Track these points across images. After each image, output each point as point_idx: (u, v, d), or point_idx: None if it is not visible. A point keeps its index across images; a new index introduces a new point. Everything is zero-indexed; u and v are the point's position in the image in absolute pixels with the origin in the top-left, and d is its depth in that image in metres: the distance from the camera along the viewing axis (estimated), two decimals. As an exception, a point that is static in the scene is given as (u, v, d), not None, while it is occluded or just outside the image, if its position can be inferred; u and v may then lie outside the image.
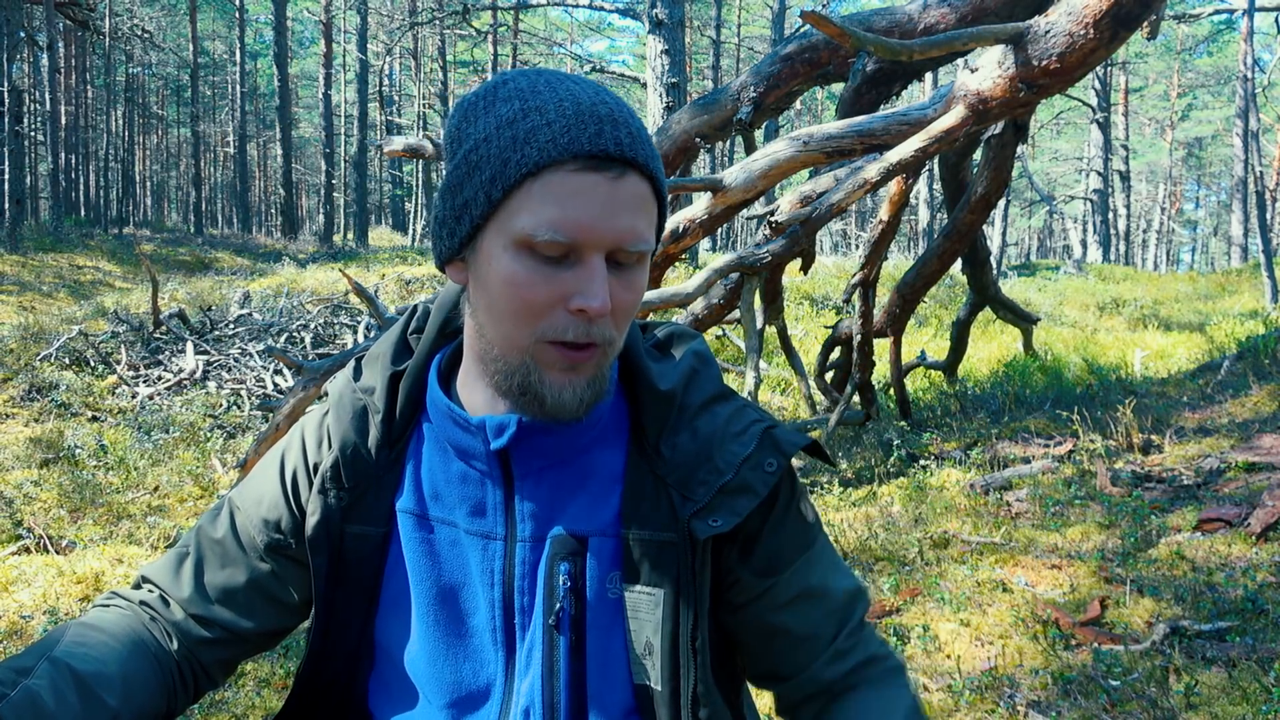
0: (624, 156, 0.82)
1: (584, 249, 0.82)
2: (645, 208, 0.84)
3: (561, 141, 0.80)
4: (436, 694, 0.97)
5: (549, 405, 0.86)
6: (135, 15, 26.48)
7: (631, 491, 0.93)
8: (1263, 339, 6.29)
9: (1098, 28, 3.57)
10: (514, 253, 0.82)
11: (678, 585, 0.91)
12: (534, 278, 0.82)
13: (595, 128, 0.81)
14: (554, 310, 0.83)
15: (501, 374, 0.88)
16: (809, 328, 10.17)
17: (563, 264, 0.82)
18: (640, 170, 0.83)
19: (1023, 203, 36.87)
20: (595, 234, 0.81)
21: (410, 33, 26.53)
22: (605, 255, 0.83)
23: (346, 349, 6.76)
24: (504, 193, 0.82)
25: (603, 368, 0.88)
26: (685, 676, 0.91)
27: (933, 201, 23.25)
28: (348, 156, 31.69)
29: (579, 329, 0.83)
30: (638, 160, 0.83)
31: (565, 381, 0.86)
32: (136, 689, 0.93)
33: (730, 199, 4.42)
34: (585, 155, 0.81)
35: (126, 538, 4.02)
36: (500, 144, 0.82)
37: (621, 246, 0.83)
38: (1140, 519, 3.58)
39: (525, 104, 0.83)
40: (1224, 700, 2.39)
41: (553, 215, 0.80)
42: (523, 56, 27.87)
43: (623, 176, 0.82)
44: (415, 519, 0.97)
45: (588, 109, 0.82)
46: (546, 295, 0.83)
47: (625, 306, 0.86)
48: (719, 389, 0.98)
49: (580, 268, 0.82)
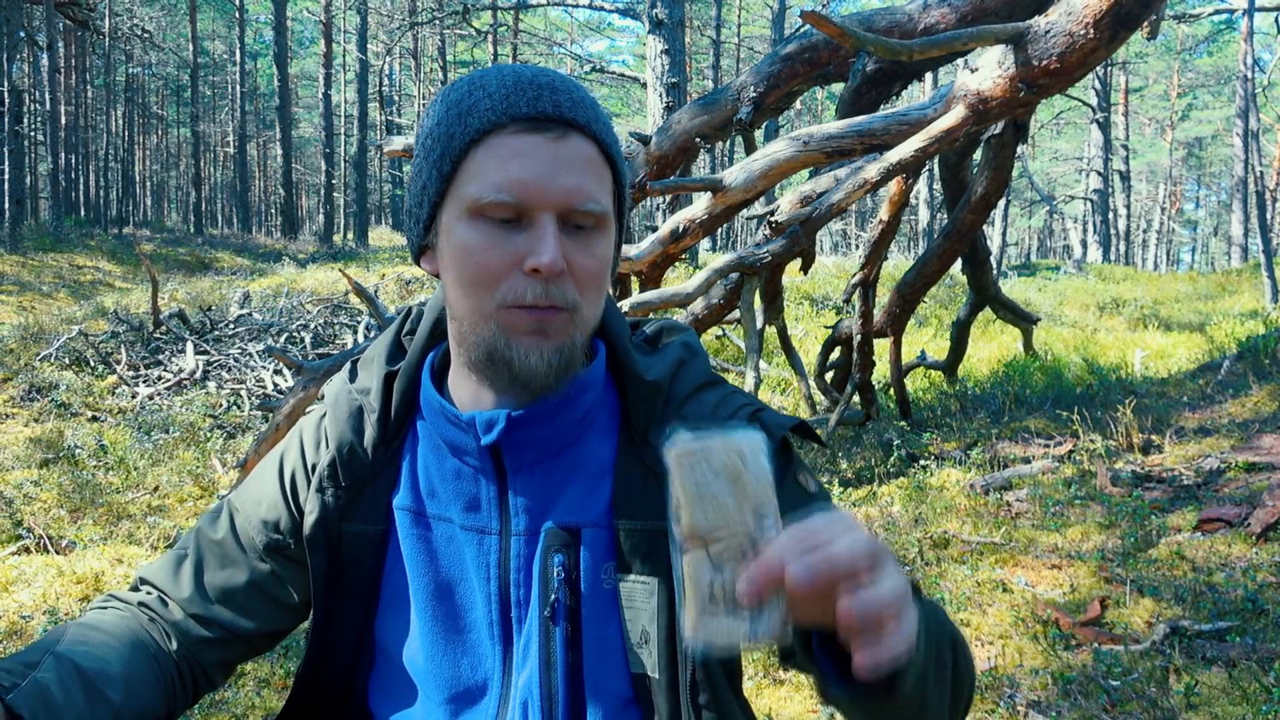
0: (563, 117, 0.84)
1: (532, 209, 0.83)
2: (592, 168, 0.86)
3: (500, 107, 0.84)
4: (435, 690, 0.98)
5: (517, 368, 0.87)
6: (135, 15, 26.48)
7: (622, 482, 0.93)
8: (1263, 339, 6.29)
9: (1098, 28, 3.57)
10: (468, 222, 0.85)
11: (671, 574, 0.91)
12: (488, 243, 0.84)
13: (534, 93, 0.85)
14: (511, 274, 0.85)
15: (473, 348, 0.89)
16: (809, 328, 10.17)
17: (515, 228, 0.84)
18: (583, 131, 0.85)
19: (1023, 203, 36.88)
20: (540, 192, 0.83)
21: (410, 33, 26.55)
22: (559, 218, 0.84)
23: (346, 349, 6.77)
24: (453, 165, 0.85)
25: (572, 336, 0.88)
26: (683, 664, 0.91)
27: (933, 201, 23.25)
28: (348, 156, 31.70)
29: (536, 290, 0.84)
30: (578, 121, 0.85)
31: (533, 345, 0.86)
32: (137, 688, 0.93)
33: (730, 199, 4.42)
34: (524, 118, 0.83)
35: (126, 538, 4.02)
36: (448, 123, 0.86)
37: (570, 205, 0.84)
38: (1140, 519, 3.58)
39: (471, 84, 0.88)
40: (1224, 700, 2.39)
41: (497, 177, 0.83)
42: (523, 56, 27.87)
43: (564, 137, 0.84)
44: (412, 516, 0.98)
45: (528, 79, 0.86)
46: (501, 259, 0.84)
47: (587, 271, 0.87)
48: (707, 377, 0.99)
49: (531, 229, 0.84)
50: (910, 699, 0.72)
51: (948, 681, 0.79)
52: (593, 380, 0.95)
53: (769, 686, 2.69)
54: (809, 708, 2.57)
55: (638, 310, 4.45)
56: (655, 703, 0.93)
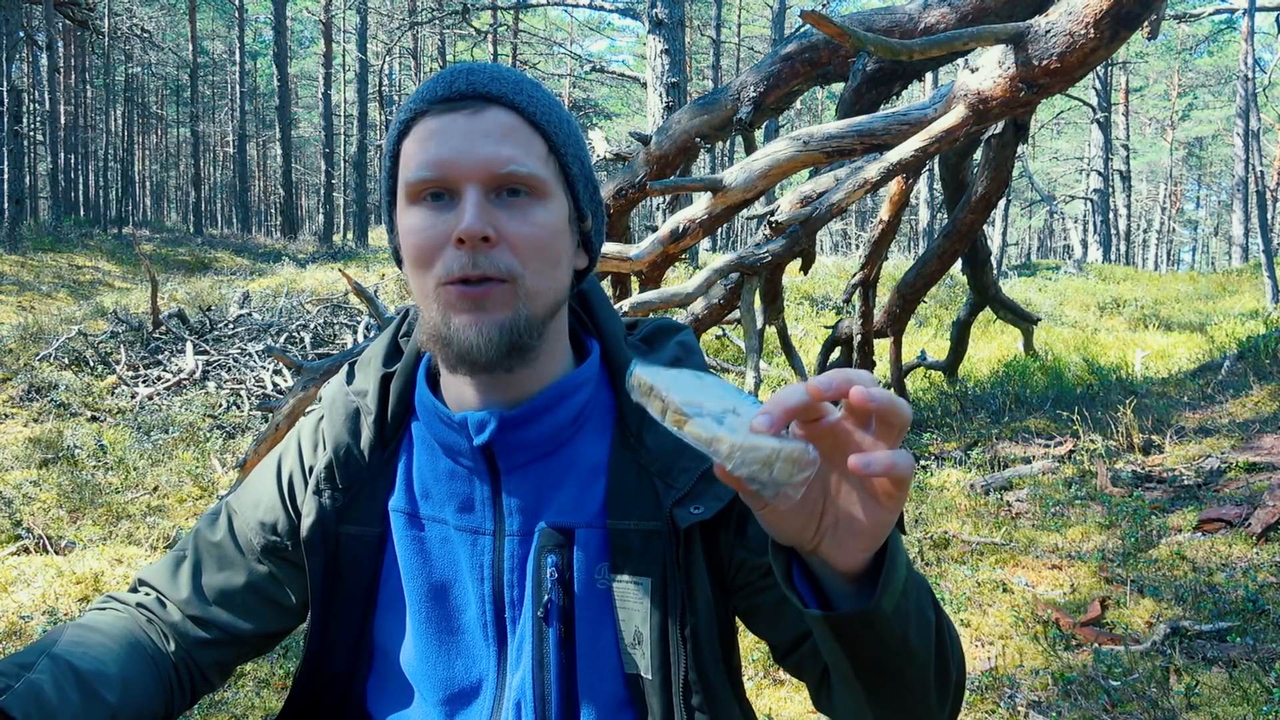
0: (477, 92, 0.87)
1: (454, 182, 0.86)
2: (514, 135, 0.87)
3: (422, 95, 0.89)
4: (430, 691, 0.98)
5: (456, 346, 0.86)
6: (134, 15, 26.47)
7: (616, 482, 0.93)
8: (1263, 339, 6.29)
9: (1098, 27, 3.57)
10: (409, 208, 0.88)
11: (665, 574, 0.91)
12: (424, 223, 0.87)
13: (450, 77, 0.88)
14: (444, 250, 0.86)
15: (426, 332, 0.89)
16: (809, 328, 10.17)
17: (445, 204, 0.86)
18: (500, 103, 0.87)
19: (1023, 203, 36.87)
20: (458, 164, 0.85)
21: (410, 33, 26.54)
22: (485, 188, 0.85)
23: (346, 349, 6.76)
24: (392, 159, 0.90)
25: (515, 309, 0.86)
26: (675, 665, 0.91)
27: (933, 201, 23.25)
28: (347, 156, 31.68)
29: (462, 260, 0.85)
30: (493, 93, 0.87)
31: (470, 321, 0.86)
32: (135, 689, 0.93)
33: (730, 199, 4.41)
34: (440, 99, 0.87)
35: (126, 538, 4.02)
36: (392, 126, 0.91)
37: (491, 171, 0.85)
38: (1140, 519, 3.58)
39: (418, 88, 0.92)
40: (1224, 700, 2.39)
41: (420, 157, 0.86)
42: (523, 56, 27.87)
43: (481, 110, 0.86)
44: (407, 518, 0.98)
45: (449, 70, 0.89)
46: (434, 236, 0.86)
47: (524, 239, 0.86)
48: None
49: (458, 202, 0.86)
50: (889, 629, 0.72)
51: (931, 641, 0.77)
52: (585, 379, 0.95)
53: (769, 686, 2.69)
54: (809, 708, 2.57)
55: (638, 310, 4.45)
56: (649, 703, 0.93)
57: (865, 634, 0.72)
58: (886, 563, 0.71)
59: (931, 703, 0.80)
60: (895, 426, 0.64)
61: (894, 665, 0.75)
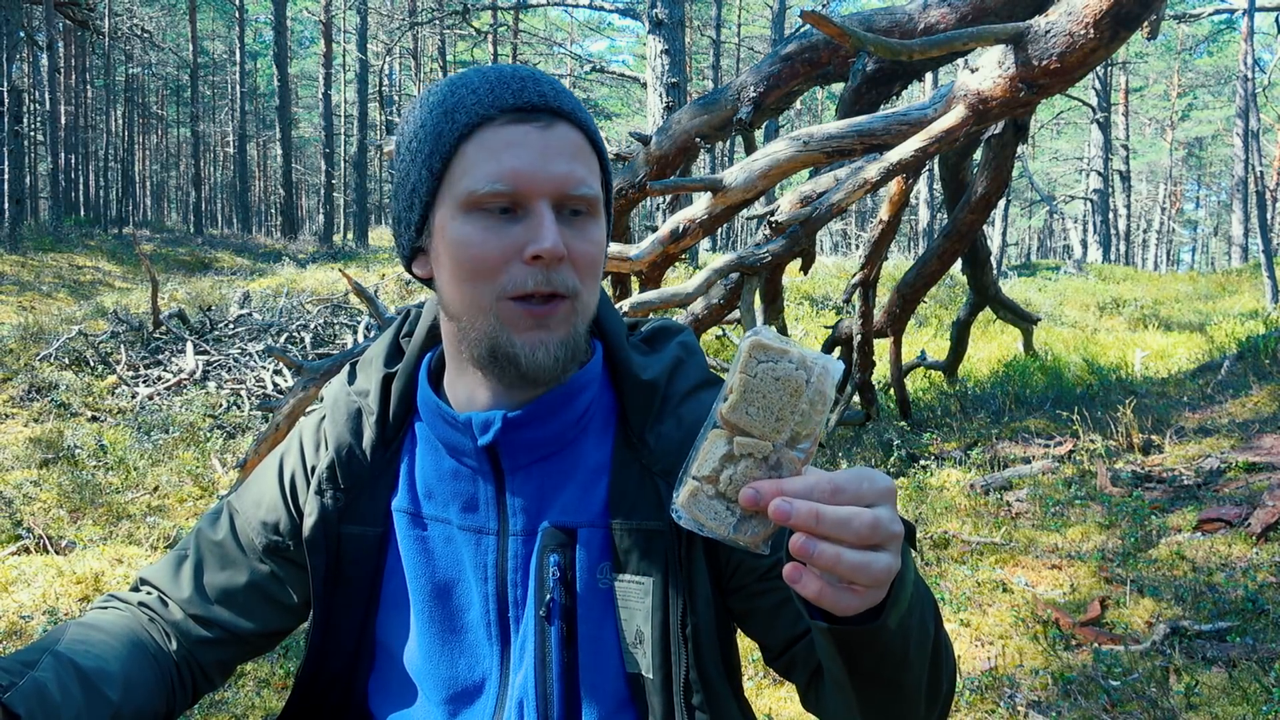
0: (549, 106, 0.86)
1: (527, 197, 0.84)
2: (581, 155, 0.87)
3: (487, 100, 0.85)
4: (434, 690, 0.98)
5: (524, 366, 0.87)
6: (135, 15, 26.45)
7: (618, 482, 0.93)
8: (1263, 339, 6.29)
9: (1098, 28, 3.57)
10: (464, 216, 0.85)
11: (666, 573, 0.91)
12: (487, 235, 0.85)
13: (518, 84, 0.86)
14: (511, 264, 0.85)
15: (474, 344, 0.89)
16: (809, 328, 10.17)
17: (511, 218, 0.85)
18: (569, 119, 0.87)
19: (1023, 203, 36.87)
20: (534, 180, 0.84)
21: (410, 33, 26.53)
22: (553, 205, 0.85)
23: (346, 349, 6.76)
24: (444, 162, 0.86)
25: (575, 325, 0.88)
26: (677, 664, 0.91)
27: (933, 201, 23.24)
28: (348, 156, 31.68)
29: (538, 278, 0.84)
30: (563, 109, 0.86)
31: (537, 340, 0.86)
32: (137, 687, 0.93)
33: (730, 199, 4.42)
34: (511, 108, 0.85)
35: (126, 538, 4.02)
36: (433, 123, 0.87)
37: (564, 191, 0.85)
38: (1140, 519, 3.58)
39: (453, 85, 0.89)
40: (1224, 700, 2.39)
41: (491, 168, 0.84)
42: (523, 56, 27.86)
43: (552, 125, 0.85)
44: (410, 517, 0.98)
45: (509, 73, 0.88)
46: (501, 250, 0.84)
47: (585, 258, 0.87)
48: (704, 377, 0.99)
49: (529, 217, 0.84)
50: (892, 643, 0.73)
51: (928, 654, 0.78)
52: (589, 380, 0.95)
53: (769, 686, 2.69)
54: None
55: (638, 310, 4.45)
56: (650, 702, 0.93)
57: (868, 647, 0.73)
58: (895, 583, 0.71)
59: (920, 712, 0.81)
60: (845, 540, 0.64)
61: (890, 675, 0.76)
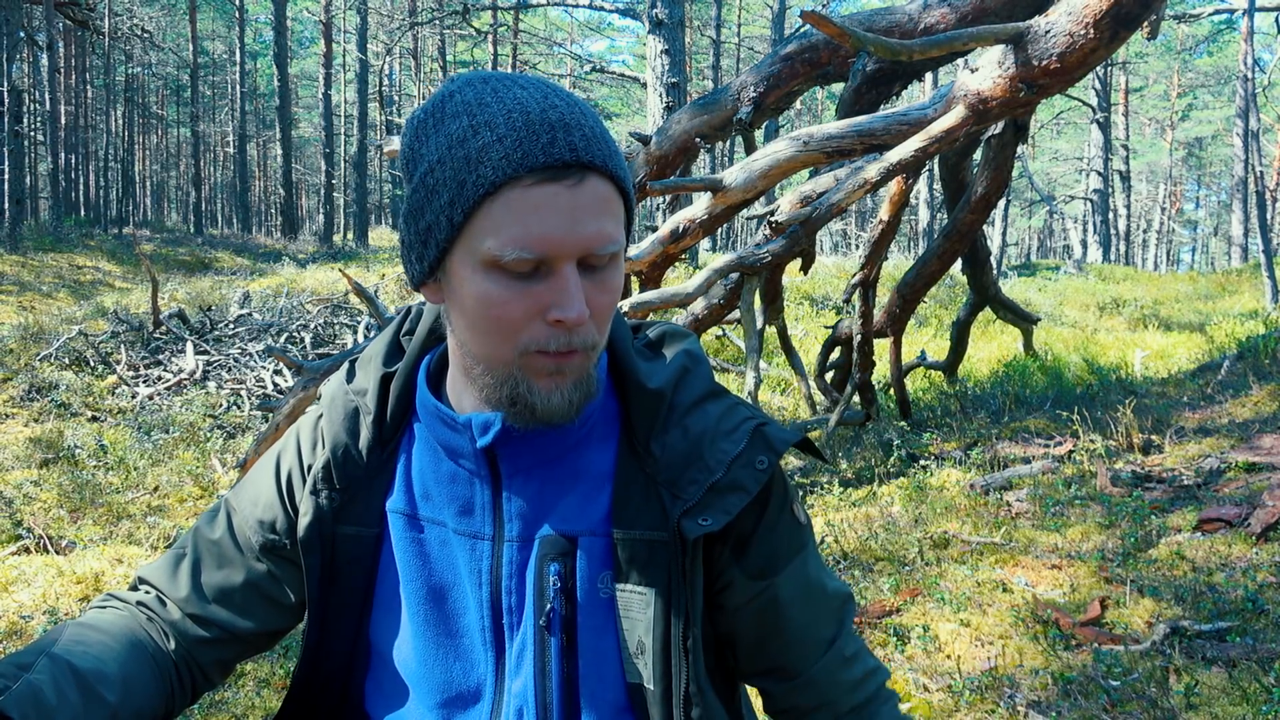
0: (580, 161, 0.79)
1: (554, 260, 0.80)
2: (610, 209, 0.82)
3: (515, 156, 0.78)
4: (428, 694, 0.97)
5: (540, 412, 0.86)
6: (135, 15, 26.43)
7: (621, 490, 0.92)
8: (1263, 339, 6.29)
9: (1098, 28, 3.57)
10: (484, 273, 0.81)
11: (669, 584, 0.91)
12: (508, 295, 0.81)
13: (548, 136, 0.79)
14: (532, 323, 0.82)
15: (490, 387, 0.88)
16: (809, 328, 10.17)
17: (535, 277, 0.81)
18: (599, 172, 0.81)
19: (1023, 203, 36.87)
20: (563, 245, 0.80)
21: (410, 33, 26.54)
22: (580, 263, 0.82)
23: (346, 349, 6.77)
24: (465, 215, 0.80)
25: (588, 369, 0.87)
26: (677, 675, 0.91)
27: (933, 201, 23.24)
28: (348, 156, 31.68)
29: (559, 339, 0.83)
30: (595, 162, 0.80)
31: (553, 386, 0.85)
32: (135, 688, 0.93)
33: (730, 199, 4.42)
34: (541, 167, 0.78)
35: (126, 538, 4.02)
36: (454, 165, 0.80)
37: (591, 251, 0.81)
38: (1140, 519, 3.58)
39: (474, 119, 0.81)
40: (1224, 700, 2.39)
41: (517, 233, 0.79)
42: (523, 56, 27.87)
43: (583, 182, 0.80)
44: (405, 519, 0.97)
45: (537, 117, 0.79)
46: (523, 310, 0.82)
47: (603, 308, 0.85)
48: (710, 387, 0.98)
49: (553, 278, 0.81)
50: None
51: None
52: None
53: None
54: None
55: (638, 310, 4.45)
56: (650, 713, 0.93)
57: None
58: None
59: None
60: None
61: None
